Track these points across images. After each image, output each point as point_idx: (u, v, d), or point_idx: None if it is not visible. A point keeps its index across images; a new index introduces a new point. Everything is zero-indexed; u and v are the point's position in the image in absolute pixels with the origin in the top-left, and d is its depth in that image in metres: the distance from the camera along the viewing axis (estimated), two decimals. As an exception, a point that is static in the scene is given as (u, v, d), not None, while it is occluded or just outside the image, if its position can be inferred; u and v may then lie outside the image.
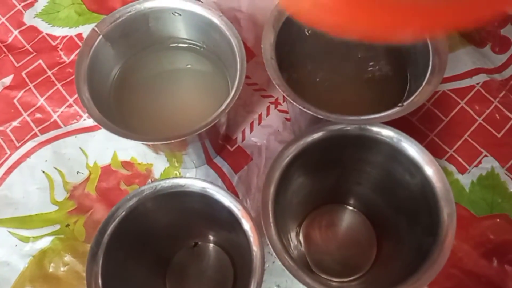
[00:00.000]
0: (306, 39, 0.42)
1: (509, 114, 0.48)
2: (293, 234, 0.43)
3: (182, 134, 0.35)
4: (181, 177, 0.37)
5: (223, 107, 0.36)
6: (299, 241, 0.43)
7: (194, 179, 0.34)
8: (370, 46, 0.43)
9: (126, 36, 0.41)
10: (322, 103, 0.35)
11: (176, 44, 0.45)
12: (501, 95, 0.49)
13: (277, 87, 0.36)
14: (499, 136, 0.47)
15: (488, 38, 0.52)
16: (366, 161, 0.38)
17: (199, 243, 0.43)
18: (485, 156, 0.46)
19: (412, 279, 0.31)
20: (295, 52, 0.42)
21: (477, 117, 0.48)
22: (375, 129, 0.35)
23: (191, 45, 0.45)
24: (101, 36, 0.39)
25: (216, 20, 0.40)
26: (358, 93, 0.42)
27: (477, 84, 0.49)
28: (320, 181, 0.41)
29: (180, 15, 0.41)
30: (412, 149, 0.34)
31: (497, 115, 0.48)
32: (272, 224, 0.33)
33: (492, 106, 0.48)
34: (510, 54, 0.51)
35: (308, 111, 0.35)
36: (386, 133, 0.35)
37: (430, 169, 0.34)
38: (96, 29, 0.39)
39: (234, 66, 0.38)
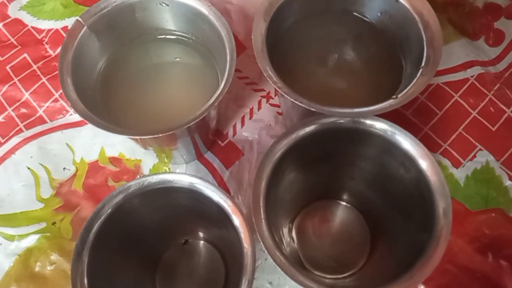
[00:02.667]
0: (298, 30, 0.41)
1: (503, 107, 0.47)
2: (285, 230, 0.42)
3: (171, 127, 0.34)
4: (169, 172, 0.36)
5: (212, 100, 0.35)
6: (291, 237, 0.43)
7: (183, 174, 0.33)
8: (364, 37, 0.43)
9: (112, 28, 0.40)
10: (315, 96, 0.34)
11: (164, 36, 0.43)
12: (495, 88, 0.48)
13: (268, 79, 0.35)
14: (493, 129, 0.46)
15: (481, 31, 0.52)
16: (359, 155, 0.37)
17: (189, 240, 0.42)
18: (480, 149, 0.46)
19: (407, 275, 0.30)
20: (287, 44, 0.41)
21: (471, 110, 0.47)
22: (369, 122, 0.34)
23: (180, 37, 0.43)
24: (85, 27, 0.38)
25: (204, 10, 0.39)
26: (352, 86, 0.41)
27: (471, 77, 0.49)
28: (313, 176, 0.40)
29: (168, 5, 0.40)
30: (406, 142, 0.34)
31: (491, 108, 0.47)
32: (263, 220, 0.32)
33: (487, 99, 0.48)
34: (504, 46, 0.51)
35: (300, 104, 0.34)
36: (380, 126, 0.34)
37: (424, 163, 0.33)
38: (80, 20, 0.38)
39: (224, 58, 0.37)
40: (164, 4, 0.40)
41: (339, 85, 0.41)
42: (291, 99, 0.34)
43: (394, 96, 0.34)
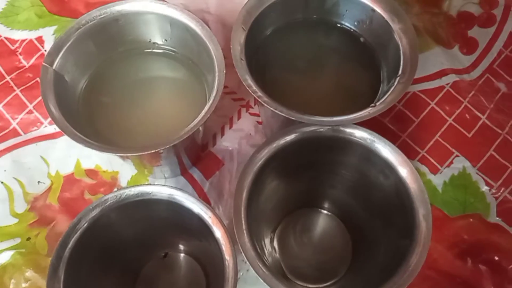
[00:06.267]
0: (276, 39, 0.42)
1: (478, 114, 0.48)
2: (267, 241, 0.42)
3: (155, 145, 0.33)
4: (147, 184, 0.35)
5: (199, 117, 0.34)
6: (273, 247, 0.42)
7: (162, 186, 0.33)
8: (342, 46, 0.43)
9: (97, 42, 0.39)
10: (294, 105, 0.34)
11: (150, 50, 0.42)
12: (470, 95, 0.49)
13: (247, 88, 0.35)
14: (469, 136, 0.47)
15: (456, 39, 0.53)
16: (339, 163, 0.37)
17: (169, 253, 0.42)
18: (457, 156, 0.46)
19: (390, 282, 0.30)
20: (266, 53, 0.41)
21: (447, 118, 0.48)
22: (348, 130, 0.34)
23: (167, 51, 0.42)
24: (69, 43, 0.37)
25: (193, 25, 0.38)
26: (331, 94, 0.42)
27: (447, 84, 0.50)
28: (294, 185, 0.40)
29: (154, 19, 0.39)
30: (385, 150, 0.34)
31: (467, 115, 0.48)
32: (245, 231, 0.31)
33: (462, 106, 0.49)
34: (477, 55, 0.52)
35: (280, 113, 0.34)
36: (359, 134, 0.34)
37: (404, 170, 0.33)
38: (64, 35, 0.37)
39: (211, 72, 0.36)
40: (150, 17, 0.39)
41: (318, 94, 0.41)
42: (271, 108, 0.34)
43: (372, 104, 0.35)
